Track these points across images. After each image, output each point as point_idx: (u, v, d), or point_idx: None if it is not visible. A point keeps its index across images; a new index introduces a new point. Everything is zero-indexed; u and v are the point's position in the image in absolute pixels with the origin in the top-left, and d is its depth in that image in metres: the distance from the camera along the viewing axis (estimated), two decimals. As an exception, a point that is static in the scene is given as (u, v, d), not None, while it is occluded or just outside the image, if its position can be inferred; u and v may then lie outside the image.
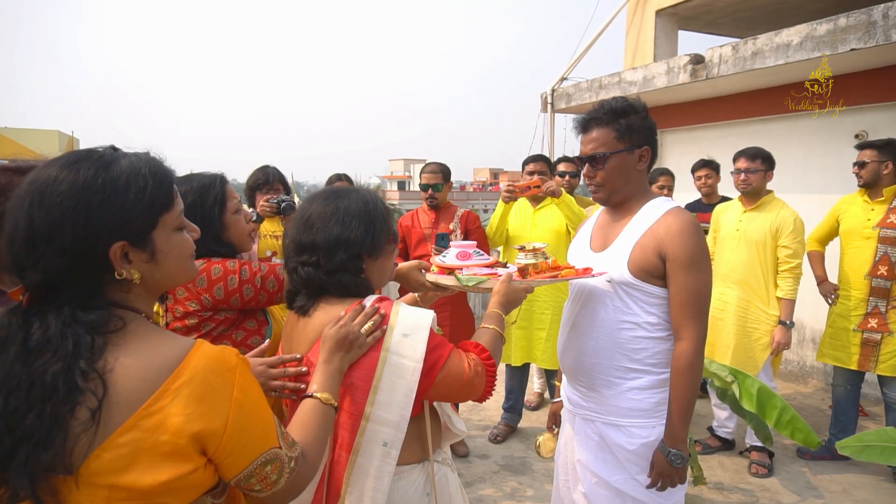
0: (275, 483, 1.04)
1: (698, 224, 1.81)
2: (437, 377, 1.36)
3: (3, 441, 0.85)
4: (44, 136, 9.26)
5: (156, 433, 0.89)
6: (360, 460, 1.31)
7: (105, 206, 0.93)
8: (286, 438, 1.08)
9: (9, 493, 0.86)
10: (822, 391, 5.17)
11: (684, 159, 6.46)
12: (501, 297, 1.60)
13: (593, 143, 1.85)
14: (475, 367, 1.40)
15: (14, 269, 0.93)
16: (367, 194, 1.49)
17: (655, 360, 1.83)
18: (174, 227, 1.03)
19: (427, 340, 1.35)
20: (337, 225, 1.39)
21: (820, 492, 3.42)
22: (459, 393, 1.41)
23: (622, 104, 1.84)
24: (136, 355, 0.93)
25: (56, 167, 0.94)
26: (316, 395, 1.24)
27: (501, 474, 3.63)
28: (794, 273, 3.53)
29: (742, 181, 3.63)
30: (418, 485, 1.43)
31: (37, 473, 0.85)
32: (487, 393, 1.44)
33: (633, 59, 7.37)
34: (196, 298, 1.68)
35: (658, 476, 1.77)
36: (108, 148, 1.01)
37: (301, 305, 1.43)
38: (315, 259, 1.39)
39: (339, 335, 1.29)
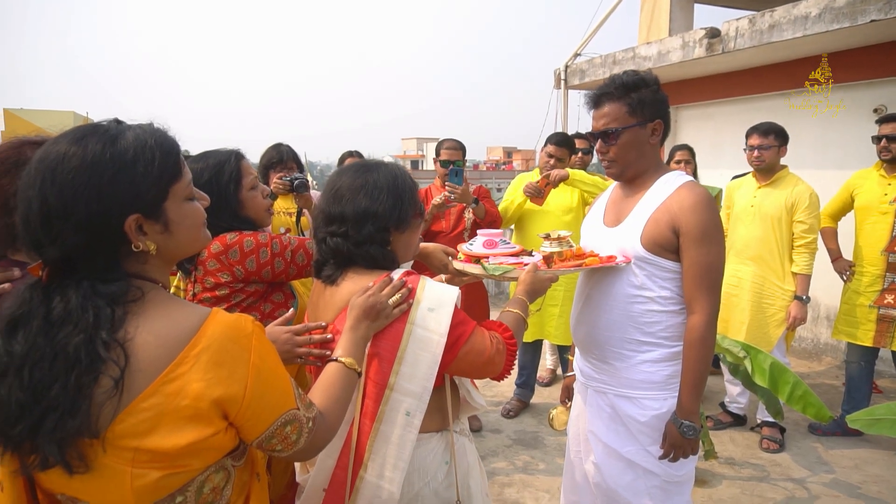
0: (295, 443, 1.07)
1: (712, 198, 1.81)
2: (459, 352, 1.39)
3: (31, 411, 0.88)
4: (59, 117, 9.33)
5: (177, 398, 0.92)
6: (383, 428, 1.35)
7: (116, 180, 0.94)
8: (303, 399, 1.12)
9: (39, 460, 0.90)
10: (836, 368, 5.16)
11: (700, 135, 6.39)
12: (527, 286, 1.63)
13: (605, 119, 1.85)
14: (496, 345, 1.43)
15: (32, 246, 0.95)
16: (395, 169, 1.51)
17: (668, 334, 1.85)
18: (184, 197, 1.04)
19: (452, 315, 1.38)
20: (366, 197, 1.42)
21: (831, 467, 3.44)
22: (480, 369, 1.44)
23: (633, 78, 1.83)
24: (155, 324, 0.96)
25: (64, 143, 0.95)
26: (340, 360, 1.27)
27: (514, 448, 3.68)
28: (809, 248, 3.51)
29: (755, 158, 3.59)
30: (437, 452, 1.47)
31: (65, 440, 0.88)
32: (506, 371, 1.47)
33: (648, 33, 7.26)
34: (229, 270, 1.72)
35: (670, 447, 1.80)
36: (112, 121, 1.01)
37: (329, 275, 1.47)
38: (344, 230, 1.42)
39: (366, 304, 1.32)
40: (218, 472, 1.03)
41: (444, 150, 3.74)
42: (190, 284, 1.82)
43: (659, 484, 1.87)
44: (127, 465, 0.92)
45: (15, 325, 0.92)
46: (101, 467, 0.92)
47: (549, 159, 3.78)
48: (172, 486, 0.96)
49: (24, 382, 0.89)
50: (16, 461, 0.92)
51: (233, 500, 1.07)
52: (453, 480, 1.48)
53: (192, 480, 0.98)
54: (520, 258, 1.77)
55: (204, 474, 1.00)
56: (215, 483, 1.02)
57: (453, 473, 1.48)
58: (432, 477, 1.45)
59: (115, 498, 0.94)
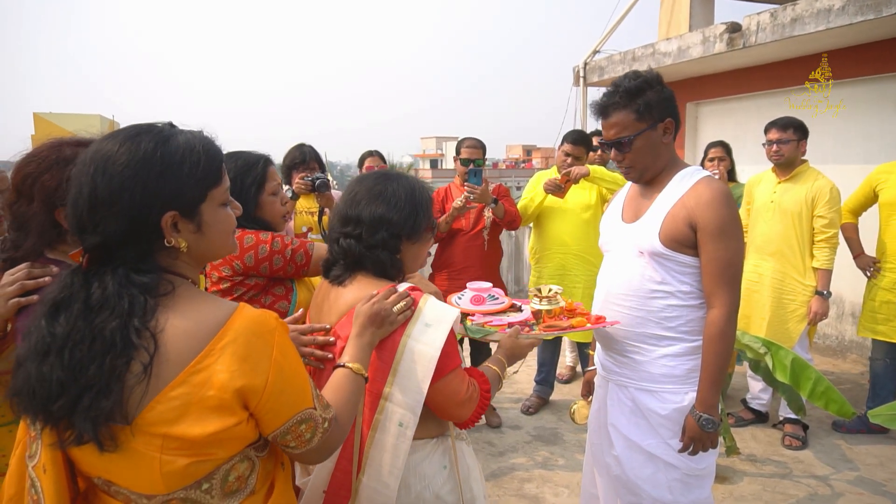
0: (308, 441, 1.11)
1: (730, 192, 1.82)
2: (437, 383, 1.40)
3: (69, 389, 0.94)
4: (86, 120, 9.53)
5: (203, 388, 0.97)
6: (378, 436, 1.38)
7: (161, 177, 1.00)
8: (321, 401, 1.15)
9: (74, 436, 0.95)
10: (861, 366, 5.09)
11: (721, 131, 6.33)
12: (507, 351, 1.66)
13: (615, 129, 1.86)
14: (471, 392, 1.45)
15: (76, 230, 1.01)
16: (414, 182, 1.55)
17: (689, 328, 1.86)
18: (220, 202, 1.10)
19: (447, 337, 1.40)
20: (383, 204, 1.46)
21: (855, 464, 3.40)
22: (447, 408, 1.44)
23: (636, 83, 1.83)
24: (184, 317, 1.00)
25: (119, 139, 1.01)
26: (347, 365, 1.30)
27: (533, 444, 3.70)
28: (830, 243, 3.47)
29: (774, 152, 3.56)
30: (434, 457, 1.50)
31: (98, 419, 0.93)
32: (471, 422, 1.48)
33: (668, 29, 7.20)
34: (229, 264, 1.79)
35: (689, 440, 1.81)
36: (166, 124, 1.08)
37: (338, 275, 1.50)
38: (358, 232, 1.46)
39: (371, 311, 1.36)
40: (243, 462, 1.07)
41: (465, 148, 3.76)
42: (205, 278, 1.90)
43: (679, 477, 1.89)
44: (157, 452, 0.96)
45: (58, 307, 0.98)
46: (133, 452, 0.97)
47: (566, 158, 3.78)
48: (199, 473, 1.01)
49: (65, 362, 0.94)
50: (54, 435, 0.98)
51: (258, 487, 1.11)
52: (456, 484, 1.51)
53: (217, 469, 1.03)
54: (507, 315, 1.80)
55: (229, 463, 1.04)
56: (240, 472, 1.07)
57: (455, 477, 1.51)
58: (431, 480, 1.47)
59: (146, 483, 0.99)
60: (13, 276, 1.37)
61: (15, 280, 1.36)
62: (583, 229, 3.80)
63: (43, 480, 1.02)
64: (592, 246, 3.65)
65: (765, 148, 3.64)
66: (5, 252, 1.52)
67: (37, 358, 0.96)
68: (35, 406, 0.96)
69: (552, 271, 3.89)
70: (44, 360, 0.95)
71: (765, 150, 3.64)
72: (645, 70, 1.91)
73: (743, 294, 3.58)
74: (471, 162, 3.66)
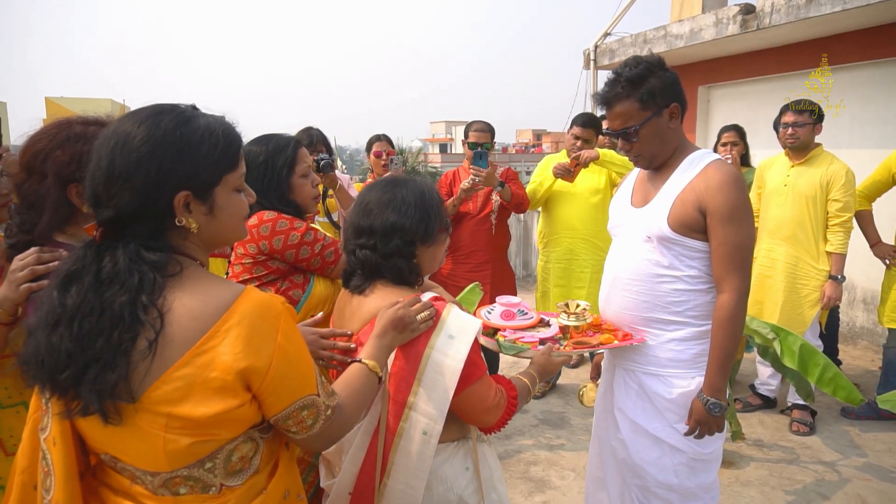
0: (310, 427, 1.11)
1: (740, 176, 1.80)
2: (463, 392, 1.42)
3: (77, 360, 0.96)
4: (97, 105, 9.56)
5: (207, 369, 0.98)
6: (403, 443, 1.40)
7: (178, 156, 1.01)
8: (325, 388, 1.15)
9: (80, 406, 0.97)
10: (871, 352, 5.06)
11: (733, 115, 6.25)
12: (539, 368, 1.67)
13: (620, 119, 1.84)
14: (499, 399, 1.47)
15: (92, 202, 1.03)
16: (423, 185, 1.56)
17: (696, 313, 1.85)
18: (234, 188, 1.11)
19: (470, 347, 1.42)
20: (394, 212, 1.47)
21: (864, 451, 3.39)
22: (475, 415, 1.47)
23: (637, 70, 1.80)
24: (191, 298, 1.01)
25: (142, 116, 1.03)
26: (364, 362, 1.31)
27: (540, 428, 3.72)
28: (844, 227, 3.44)
29: (790, 135, 3.52)
30: (456, 460, 1.51)
31: (103, 391, 0.95)
32: (497, 428, 1.50)
33: (680, 10, 7.09)
34: (255, 242, 1.78)
35: (696, 423, 1.81)
36: (189, 106, 1.09)
37: (358, 285, 1.52)
38: (372, 243, 1.47)
39: (395, 315, 1.37)
40: (246, 443, 1.08)
41: (473, 132, 3.74)
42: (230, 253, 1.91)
43: (685, 461, 1.89)
44: (161, 430, 0.98)
45: (70, 279, 1.00)
46: (138, 429, 0.99)
47: (575, 141, 3.75)
48: (202, 452, 1.02)
49: (74, 333, 0.96)
50: (61, 405, 1.00)
51: (261, 468, 1.12)
52: (478, 486, 1.52)
53: (220, 448, 1.04)
54: (536, 330, 1.83)
55: (232, 444, 1.06)
56: (244, 452, 1.08)
57: (477, 479, 1.52)
58: (454, 483, 1.49)
59: (150, 460, 1.01)
60: (23, 262, 1.38)
61: (25, 265, 1.37)
62: (591, 213, 3.78)
63: (53, 453, 1.04)
64: (601, 230, 3.63)
65: (779, 130, 3.59)
66: (13, 237, 1.52)
67: (47, 328, 0.98)
68: (43, 375, 0.98)
69: (560, 255, 3.88)
70: (54, 330, 0.97)
71: (779, 132, 3.59)
72: (646, 55, 1.87)
73: (756, 279, 3.61)
74: (478, 146, 3.64)
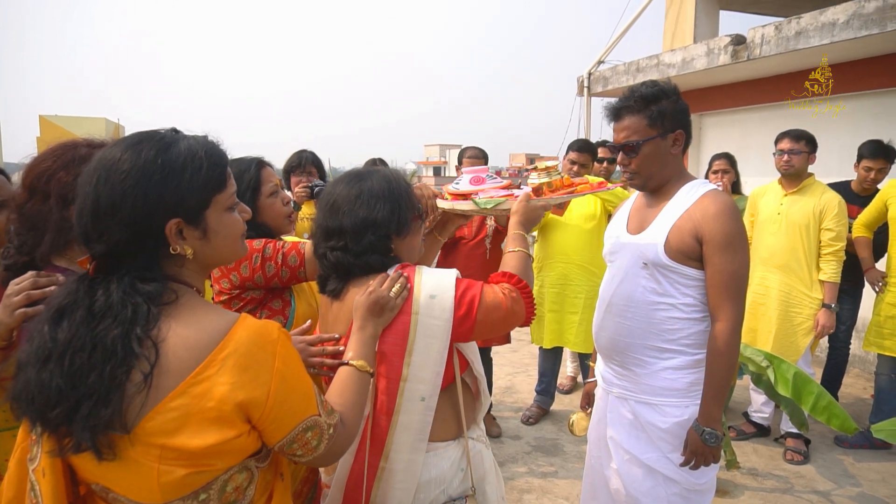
0: (315, 448, 1.10)
1: (735, 206, 1.81)
2: (477, 316, 1.39)
3: (68, 396, 0.93)
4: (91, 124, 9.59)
5: (203, 399, 0.96)
6: (402, 419, 1.37)
7: (163, 184, 0.99)
8: (325, 406, 1.14)
9: (72, 443, 0.94)
10: (863, 380, 5.07)
11: (725, 143, 6.33)
12: (521, 217, 1.61)
13: (626, 132, 1.86)
14: (510, 294, 1.43)
15: (82, 239, 1.01)
16: (389, 173, 1.51)
17: (690, 341, 1.85)
18: (226, 207, 1.08)
19: (454, 297, 1.38)
20: (363, 207, 1.42)
21: (857, 480, 3.38)
22: (502, 323, 1.43)
23: (652, 90, 1.84)
24: (186, 327, 0.99)
25: (121, 147, 1.01)
26: (352, 363, 1.29)
27: (533, 455, 3.68)
28: (837, 256, 3.47)
29: (785, 162, 3.55)
30: (454, 460, 1.48)
31: (97, 427, 0.92)
32: (530, 314, 1.46)
33: (672, 40, 7.23)
34: (227, 277, 1.74)
35: (691, 454, 1.79)
36: (169, 130, 1.07)
37: (333, 289, 1.48)
38: (343, 243, 1.42)
39: (369, 301, 1.34)
40: (241, 473, 1.06)
41: (467, 158, 3.77)
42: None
43: (679, 492, 1.87)
44: (154, 462, 0.95)
45: (61, 313, 0.98)
46: (131, 461, 0.96)
47: (571, 166, 3.79)
48: (196, 483, 1.00)
49: (65, 369, 0.94)
50: (53, 442, 0.97)
51: (255, 499, 1.09)
52: (469, 485, 1.49)
53: (215, 479, 1.01)
54: (509, 191, 1.73)
55: (227, 474, 1.03)
56: (238, 482, 1.05)
57: (469, 479, 1.49)
58: (448, 484, 1.46)
59: (144, 491, 0.98)
60: (19, 286, 1.36)
61: (21, 290, 1.35)
62: (585, 240, 3.80)
63: (42, 484, 1.01)
64: (595, 256, 3.65)
65: (774, 157, 3.63)
66: (10, 258, 1.50)
67: (37, 363, 0.95)
68: (33, 412, 0.95)
69: (554, 280, 3.88)
70: (44, 366, 0.95)
71: (774, 159, 3.64)
72: (663, 80, 1.90)
73: (749, 307, 3.62)
74: None
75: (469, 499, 1.49)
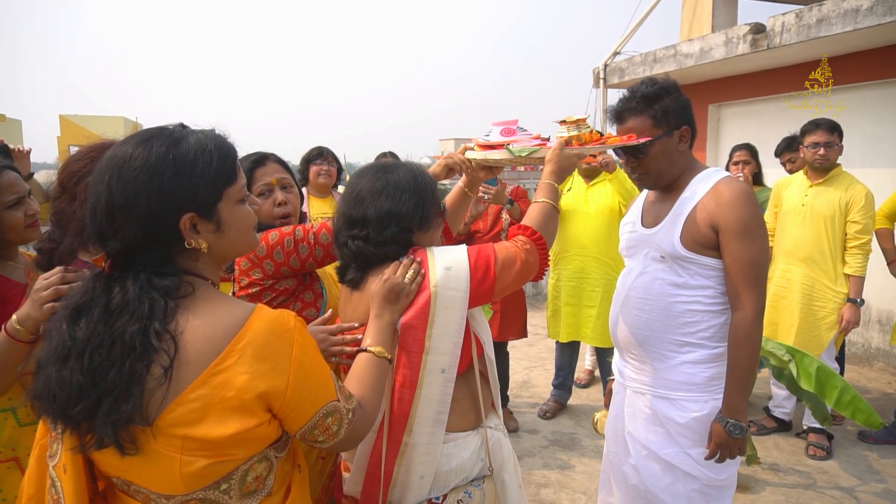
0: (336, 433, 1.11)
1: (751, 191, 1.78)
2: (496, 273, 1.42)
3: (89, 393, 0.94)
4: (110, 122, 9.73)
5: (223, 389, 0.97)
6: (425, 392, 1.38)
7: (175, 179, 1.00)
8: (343, 391, 1.15)
9: (95, 440, 0.95)
10: (888, 374, 4.97)
11: (743, 134, 6.23)
12: (554, 165, 1.63)
13: (631, 134, 1.83)
14: (523, 247, 1.47)
15: (96, 238, 1.02)
16: (414, 168, 1.52)
17: (709, 334, 1.82)
18: (237, 200, 1.09)
19: (468, 266, 1.41)
20: (388, 199, 1.43)
21: (882, 476, 3.31)
22: (520, 276, 1.46)
23: (653, 89, 1.81)
24: (204, 319, 1.00)
25: (132, 144, 1.02)
26: (370, 350, 1.30)
27: (550, 449, 3.66)
28: (863, 249, 3.38)
29: (821, 155, 3.43)
30: (473, 449, 1.48)
31: (118, 423, 0.93)
32: (544, 265, 1.50)
33: (690, 30, 7.11)
34: (259, 266, 1.72)
35: (717, 447, 1.76)
36: (177, 125, 1.07)
37: (352, 279, 1.49)
38: (365, 233, 1.43)
39: (384, 289, 1.36)
40: (261, 462, 1.07)
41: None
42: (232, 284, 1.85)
43: (699, 488, 1.84)
44: (177, 453, 0.96)
45: (79, 311, 0.99)
46: (153, 453, 0.97)
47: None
48: (218, 473, 1.01)
49: (85, 366, 0.95)
50: (75, 439, 0.98)
51: (275, 489, 1.10)
52: (487, 474, 1.50)
53: (236, 469, 1.03)
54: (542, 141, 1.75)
55: (248, 463, 1.04)
56: (258, 472, 1.07)
57: (487, 468, 1.50)
58: (468, 473, 1.47)
59: (166, 483, 0.99)
60: (47, 281, 1.38)
61: (49, 284, 1.38)
62: (603, 232, 3.77)
63: (63, 480, 1.02)
64: (612, 249, 3.61)
65: (807, 150, 3.49)
66: (44, 241, 1.58)
67: (57, 361, 0.96)
68: (55, 410, 0.97)
69: (571, 273, 3.85)
70: (64, 363, 0.96)
71: (805, 152, 3.51)
72: (661, 77, 1.87)
73: (771, 300, 3.56)
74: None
75: (487, 479, 1.50)
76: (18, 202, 1.66)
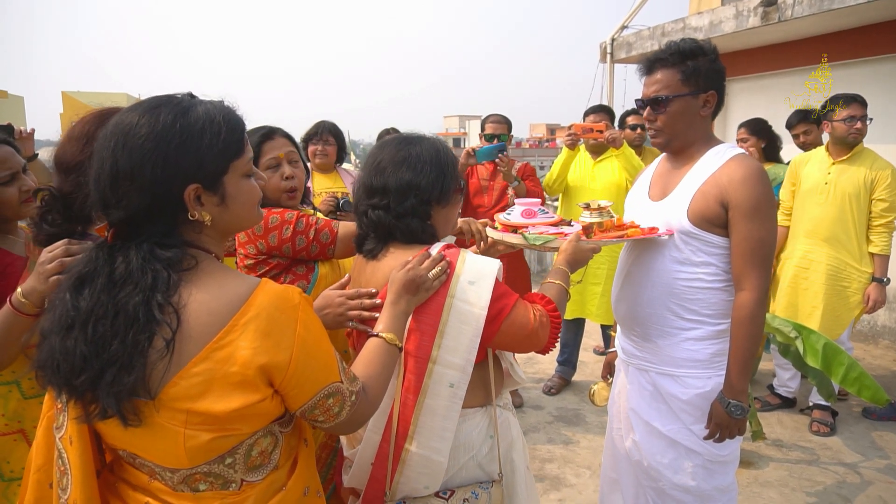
0: (337, 415, 1.10)
1: (764, 171, 1.75)
2: (502, 325, 1.39)
3: (92, 364, 0.94)
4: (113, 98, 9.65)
5: (226, 364, 0.96)
6: (428, 401, 1.36)
7: (181, 149, 0.98)
8: (347, 374, 1.14)
9: (98, 410, 0.96)
10: (894, 352, 4.96)
11: (752, 109, 6.14)
12: (569, 256, 1.61)
13: (657, 86, 1.79)
14: (540, 318, 1.42)
15: (100, 205, 1.00)
16: (437, 143, 1.50)
17: (712, 311, 1.80)
18: (243, 174, 1.07)
19: (492, 289, 1.38)
20: (409, 170, 1.42)
21: (885, 452, 3.32)
22: (523, 342, 1.43)
23: (691, 45, 1.77)
24: (207, 292, 0.99)
25: (139, 111, 1.00)
26: (381, 335, 1.29)
27: (555, 425, 3.69)
28: (889, 227, 3.33)
29: (856, 129, 3.32)
30: (482, 427, 1.48)
31: (121, 394, 0.93)
32: (551, 344, 1.46)
33: (699, 3, 6.98)
34: (253, 243, 1.76)
35: (716, 427, 1.76)
36: (186, 95, 1.05)
37: (370, 249, 1.48)
38: (385, 202, 1.42)
39: (406, 278, 1.33)
40: (266, 437, 1.07)
41: (490, 123, 3.74)
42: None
43: (702, 463, 1.85)
44: (180, 427, 0.96)
45: (82, 281, 0.98)
46: (157, 427, 0.97)
47: (588, 133, 3.72)
48: (222, 448, 1.01)
49: (88, 336, 0.94)
50: (79, 409, 0.98)
51: (281, 463, 1.11)
52: (496, 454, 1.50)
53: (240, 444, 1.03)
54: (559, 228, 1.74)
55: (252, 438, 1.04)
56: (263, 447, 1.07)
57: (496, 447, 1.50)
58: (477, 451, 1.47)
59: (170, 456, 1.00)
60: (52, 254, 1.37)
61: (54, 257, 1.37)
62: (615, 213, 3.74)
63: (69, 451, 1.03)
64: (618, 226, 3.59)
65: (842, 124, 3.34)
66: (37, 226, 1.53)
67: (61, 331, 0.96)
68: (59, 379, 0.96)
69: (576, 251, 3.83)
70: (67, 333, 0.95)
71: (837, 126, 3.36)
72: (703, 40, 1.83)
73: (790, 281, 3.53)
74: (495, 137, 3.63)
75: (496, 484, 1.49)
76: (13, 178, 1.64)
